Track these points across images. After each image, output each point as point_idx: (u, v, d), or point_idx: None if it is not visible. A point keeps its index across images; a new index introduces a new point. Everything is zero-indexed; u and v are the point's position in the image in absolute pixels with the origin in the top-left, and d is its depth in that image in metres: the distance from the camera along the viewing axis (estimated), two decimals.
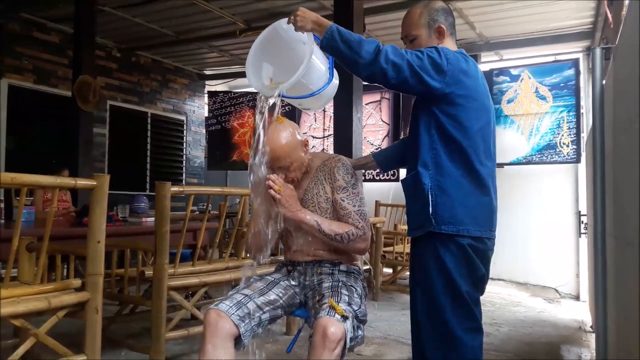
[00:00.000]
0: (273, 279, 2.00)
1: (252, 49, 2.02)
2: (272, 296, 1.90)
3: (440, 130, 1.79)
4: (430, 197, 1.76)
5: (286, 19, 1.88)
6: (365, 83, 7.28)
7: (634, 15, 1.55)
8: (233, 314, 1.75)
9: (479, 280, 1.85)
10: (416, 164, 1.82)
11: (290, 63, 1.91)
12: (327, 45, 1.75)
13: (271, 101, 1.87)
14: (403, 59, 1.69)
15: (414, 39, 1.93)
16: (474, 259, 1.80)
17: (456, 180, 1.78)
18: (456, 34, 2.01)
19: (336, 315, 1.68)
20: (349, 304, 1.79)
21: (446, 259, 1.78)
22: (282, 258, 2.50)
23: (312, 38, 1.84)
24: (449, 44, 1.93)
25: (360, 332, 1.80)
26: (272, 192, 1.86)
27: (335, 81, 2.02)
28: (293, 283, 2.03)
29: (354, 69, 1.74)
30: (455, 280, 1.78)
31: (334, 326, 1.64)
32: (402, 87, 1.76)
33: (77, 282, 2.21)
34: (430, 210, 1.76)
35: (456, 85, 1.76)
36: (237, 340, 1.75)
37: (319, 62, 1.93)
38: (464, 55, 1.85)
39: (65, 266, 3.05)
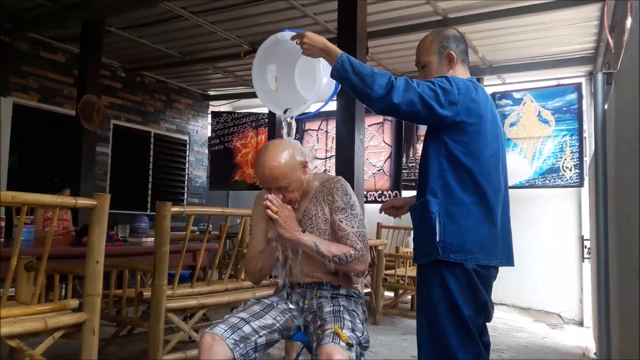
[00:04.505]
0: (270, 302, 1.98)
1: (255, 59, 2.08)
2: (268, 320, 1.88)
3: (451, 157, 1.79)
4: (437, 225, 1.76)
5: (289, 33, 1.90)
6: None
7: (635, 41, 1.56)
8: (228, 337, 1.72)
9: (481, 305, 1.84)
10: (425, 192, 1.82)
11: (297, 66, 1.98)
12: (338, 76, 1.76)
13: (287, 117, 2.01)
14: (415, 93, 1.71)
15: (425, 65, 1.97)
16: (478, 285, 1.79)
17: (466, 208, 1.78)
18: (469, 60, 2.03)
19: (341, 342, 1.65)
20: (353, 330, 1.76)
21: (451, 284, 1.77)
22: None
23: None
24: (460, 70, 1.96)
25: (362, 359, 1.78)
26: (269, 212, 1.85)
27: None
28: (291, 306, 2.00)
29: (366, 102, 1.77)
30: (459, 305, 1.77)
31: (339, 354, 1.61)
32: (413, 119, 1.81)
33: (74, 303, 2.18)
34: (437, 239, 1.75)
35: (466, 114, 1.78)
36: None
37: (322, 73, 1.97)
38: (474, 83, 1.87)
39: (64, 286, 3.03)
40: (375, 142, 7.50)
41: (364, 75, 1.71)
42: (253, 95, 8.35)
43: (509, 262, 1.93)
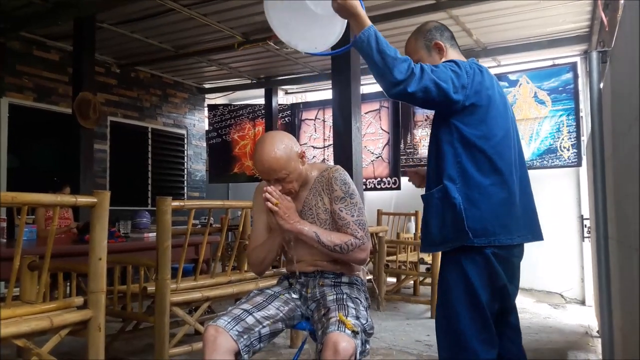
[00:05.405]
0: (273, 293, 1.99)
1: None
2: (271, 310, 1.89)
3: (465, 141, 1.80)
4: (463, 211, 1.76)
5: None
6: (367, 92, 7.26)
7: (629, 18, 1.55)
8: (232, 329, 1.74)
9: (499, 289, 1.84)
10: (441, 179, 1.82)
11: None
12: (360, 48, 1.73)
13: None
14: (430, 79, 1.71)
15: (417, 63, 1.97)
16: (496, 269, 1.80)
17: (486, 191, 1.78)
18: (458, 45, 2.04)
19: (346, 330, 1.67)
20: (357, 318, 1.78)
21: (468, 268, 1.78)
22: (284, 270, 2.49)
23: None
24: (454, 56, 1.96)
25: (367, 346, 1.80)
26: (269, 204, 1.86)
27: None
28: (294, 296, 2.02)
29: (381, 83, 1.76)
30: (476, 290, 1.78)
31: (345, 341, 1.63)
32: (427, 105, 1.82)
33: (79, 300, 2.20)
34: (466, 225, 1.75)
35: (476, 97, 1.79)
36: (237, 356, 1.74)
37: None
38: (478, 65, 1.88)
39: (68, 284, 3.05)
40: (372, 129, 7.50)
41: (387, 56, 1.69)
42: (248, 86, 8.34)
43: (535, 236, 1.93)
